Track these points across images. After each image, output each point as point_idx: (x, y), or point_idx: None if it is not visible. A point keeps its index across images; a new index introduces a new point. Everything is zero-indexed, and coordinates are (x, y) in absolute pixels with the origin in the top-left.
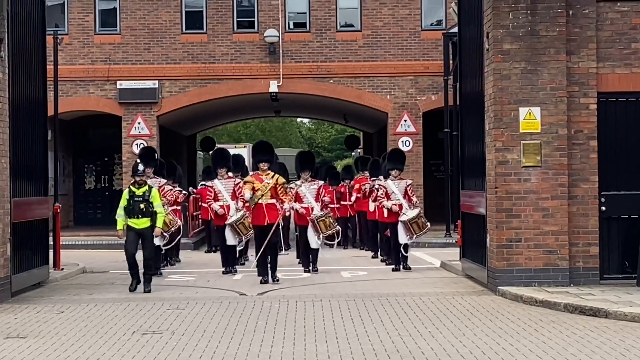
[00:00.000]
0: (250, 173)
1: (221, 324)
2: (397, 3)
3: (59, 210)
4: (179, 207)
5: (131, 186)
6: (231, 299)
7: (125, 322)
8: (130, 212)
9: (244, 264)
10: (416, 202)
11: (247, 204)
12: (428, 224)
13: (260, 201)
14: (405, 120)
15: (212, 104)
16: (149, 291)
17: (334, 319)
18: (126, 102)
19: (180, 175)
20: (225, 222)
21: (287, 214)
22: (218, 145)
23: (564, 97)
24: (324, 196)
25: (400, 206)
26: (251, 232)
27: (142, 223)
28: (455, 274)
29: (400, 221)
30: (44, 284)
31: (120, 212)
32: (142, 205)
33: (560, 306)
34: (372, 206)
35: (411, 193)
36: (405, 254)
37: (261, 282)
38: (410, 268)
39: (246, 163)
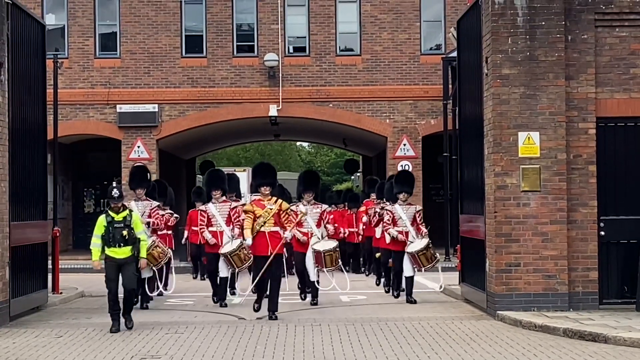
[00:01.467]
0: (250, 198)
1: (220, 348)
2: (396, 28)
3: (58, 234)
4: (170, 232)
5: (110, 211)
6: (230, 323)
7: (124, 346)
8: (110, 240)
9: (234, 293)
10: (425, 232)
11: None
12: (438, 255)
13: (262, 229)
14: (405, 144)
15: (211, 127)
16: (132, 327)
17: (333, 343)
18: (126, 125)
19: (172, 198)
20: (220, 252)
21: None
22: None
23: (563, 122)
24: (327, 222)
25: (407, 234)
26: (247, 264)
27: (124, 252)
28: (455, 298)
29: (407, 252)
30: (42, 308)
31: (96, 241)
32: (124, 233)
33: (559, 331)
34: (378, 232)
35: (420, 220)
36: (410, 287)
37: (254, 310)
38: (415, 301)
39: (244, 187)
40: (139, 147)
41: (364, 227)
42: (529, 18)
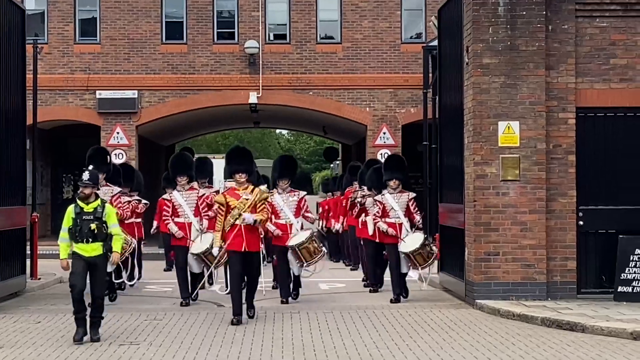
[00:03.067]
0: (223, 185)
1: (199, 335)
2: (377, 16)
3: (36, 220)
4: (139, 220)
5: (78, 201)
6: (209, 310)
7: (102, 332)
8: (78, 235)
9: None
10: (419, 220)
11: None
12: (435, 249)
13: (237, 222)
14: (384, 133)
15: (191, 114)
16: (98, 339)
17: (311, 331)
18: (105, 111)
19: (140, 183)
20: (190, 252)
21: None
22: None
23: (542, 112)
24: (307, 211)
25: (400, 226)
26: (223, 261)
27: (93, 249)
28: (433, 287)
29: (401, 252)
30: (20, 293)
31: (64, 235)
32: (92, 226)
33: (537, 320)
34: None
35: (414, 209)
36: (404, 283)
37: (233, 323)
38: (407, 296)
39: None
40: (118, 133)
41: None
42: (509, 7)
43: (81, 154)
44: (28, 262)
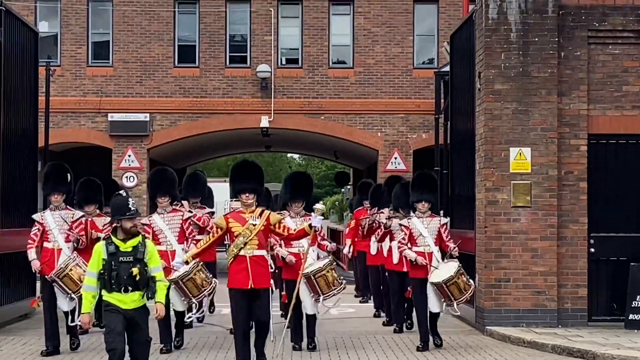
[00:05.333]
0: (229, 205)
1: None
2: (389, 41)
3: None
4: None
5: (113, 237)
6: (218, 333)
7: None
8: (114, 282)
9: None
10: (455, 248)
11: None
12: (472, 282)
13: (242, 252)
14: (396, 158)
15: (202, 138)
16: None
17: (320, 356)
18: (117, 134)
19: None
20: (168, 278)
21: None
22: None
23: (554, 138)
24: (323, 239)
25: (430, 256)
26: (206, 291)
27: (132, 300)
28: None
29: (432, 283)
30: (30, 315)
31: (90, 281)
32: (134, 271)
33: (548, 347)
34: (373, 247)
35: (447, 237)
36: (435, 324)
37: None
38: (441, 344)
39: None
40: (129, 156)
41: (355, 239)
42: (522, 34)
43: (93, 177)
44: (37, 284)
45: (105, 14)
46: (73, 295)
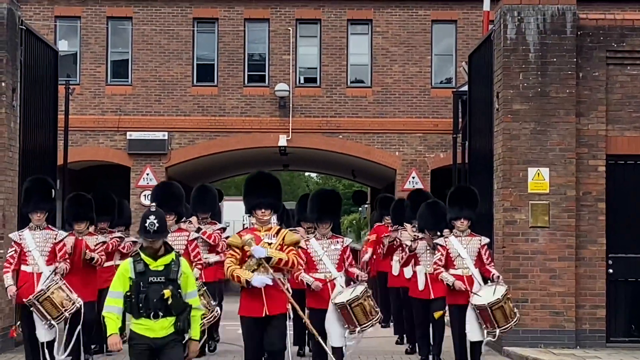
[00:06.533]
0: (248, 221)
1: None
2: (407, 60)
3: None
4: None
5: (142, 253)
6: (235, 353)
7: None
8: (142, 305)
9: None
10: (499, 276)
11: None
12: (516, 311)
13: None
14: (414, 177)
15: (221, 156)
16: None
17: None
18: (135, 152)
19: (127, 216)
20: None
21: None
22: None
23: (572, 159)
24: (351, 264)
25: (469, 280)
26: (210, 316)
27: (162, 328)
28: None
29: (474, 305)
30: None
31: (114, 302)
32: (165, 293)
33: None
34: (395, 268)
35: (487, 259)
36: (479, 356)
37: None
38: None
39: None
40: (147, 174)
41: (374, 258)
42: (540, 54)
43: (106, 190)
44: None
45: (124, 33)
46: (53, 322)
